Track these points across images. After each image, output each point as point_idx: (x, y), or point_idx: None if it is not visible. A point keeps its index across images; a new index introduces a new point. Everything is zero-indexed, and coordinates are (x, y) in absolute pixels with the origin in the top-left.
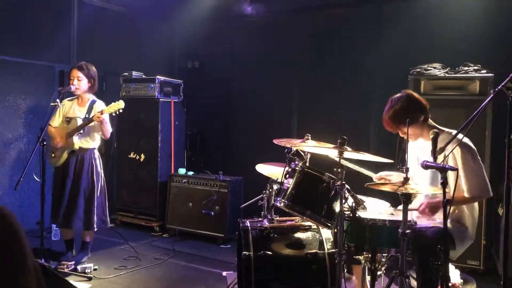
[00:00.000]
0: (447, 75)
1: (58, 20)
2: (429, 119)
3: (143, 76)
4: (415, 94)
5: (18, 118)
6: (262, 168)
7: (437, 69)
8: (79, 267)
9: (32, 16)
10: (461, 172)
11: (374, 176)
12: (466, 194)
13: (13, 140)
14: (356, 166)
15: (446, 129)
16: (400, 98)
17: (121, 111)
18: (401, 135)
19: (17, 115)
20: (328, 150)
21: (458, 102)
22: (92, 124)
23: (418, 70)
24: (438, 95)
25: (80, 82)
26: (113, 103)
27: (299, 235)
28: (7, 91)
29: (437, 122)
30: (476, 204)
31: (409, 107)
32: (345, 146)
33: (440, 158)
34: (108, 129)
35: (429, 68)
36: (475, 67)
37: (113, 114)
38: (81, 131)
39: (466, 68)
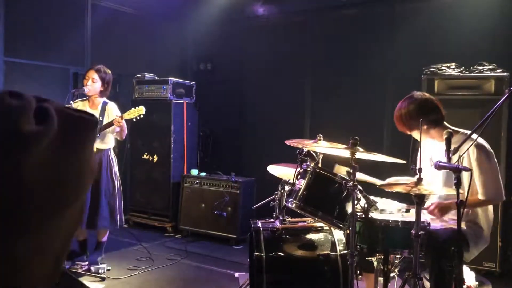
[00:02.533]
0: (461, 74)
1: (72, 23)
2: (444, 121)
3: (156, 77)
4: (429, 96)
5: None
6: (274, 169)
7: (451, 68)
8: (92, 268)
9: (47, 20)
10: (475, 174)
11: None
12: (480, 197)
13: None
14: (362, 175)
15: (461, 130)
16: (415, 100)
17: (142, 116)
18: (409, 133)
19: None
20: (340, 151)
21: (473, 102)
22: (112, 127)
23: (432, 69)
24: (452, 95)
25: (94, 84)
26: (133, 109)
27: (311, 236)
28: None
29: (452, 122)
30: (490, 206)
31: (421, 109)
32: (357, 147)
33: (454, 159)
34: (125, 131)
35: (443, 67)
36: (490, 66)
37: (134, 120)
38: (98, 134)
39: (481, 68)
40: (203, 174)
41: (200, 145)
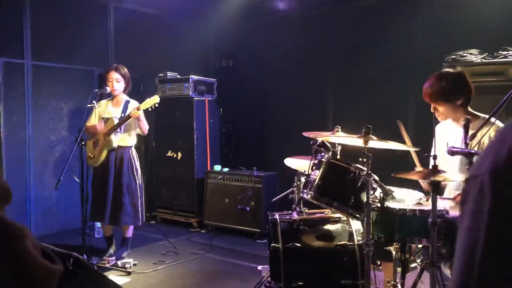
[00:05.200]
0: (484, 60)
1: (95, 26)
2: (468, 106)
3: (178, 76)
4: (466, 76)
5: (60, 121)
6: (291, 162)
7: (474, 55)
8: (119, 262)
9: (71, 24)
10: None
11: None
12: None
13: (57, 143)
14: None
15: (481, 115)
16: (452, 75)
17: (156, 105)
18: (432, 110)
19: (59, 118)
20: (354, 141)
21: (497, 88)
22: (129, 121)
23: (453, 57)
24: (475, 81)
25: (119, 83)
26: (148, 99)
27: (328, 227)
28: (50, 95)
29: (476, 109)
30: None
31: (455, 86)
32: (370, 135)
33: (473, 144)
34: (145, 125)
35: (465, 54)
36: None
37: (149, 109)
38: (119, 130)
39: (504, 53)
40: (226, 169)
41: (222, 141)
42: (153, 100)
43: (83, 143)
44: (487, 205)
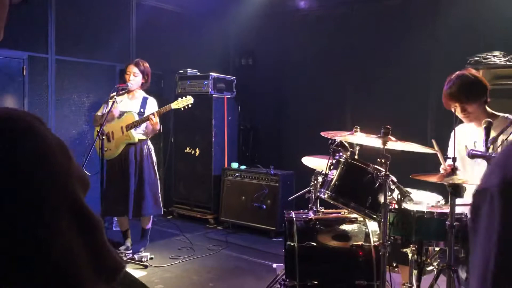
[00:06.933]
0: (508, 63)
1: (117, 22)
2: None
3: (198, 73)
4: (478, 74)
5: (82, 115)
6: (309, 161)
7: (497, 57)
8: (136, 256)
9: (94, 20)
10: None
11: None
12: None
13: (78, 136)
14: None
15: (500, 114)
16: (466, 73)
17: (190, 106)
18: (458, 113)
19: (81, 112)
20: (373, 141)
21: None
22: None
23: (476, 59)
24: (498, 84)
25: (135, 78)
26: (180, 99)
27: (344, 227)
28: (72, 90)
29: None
30: None
31: (476, 81)
32: (389, 136)
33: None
34: (154, 130)
35: (488, 56)
36: None
37: (182, 109)
38: (138, 126)
39: None
40: (243, 167)
41: (240, 138)
42: (187, 101)
43: (103, 137)
44: (497, 219)
